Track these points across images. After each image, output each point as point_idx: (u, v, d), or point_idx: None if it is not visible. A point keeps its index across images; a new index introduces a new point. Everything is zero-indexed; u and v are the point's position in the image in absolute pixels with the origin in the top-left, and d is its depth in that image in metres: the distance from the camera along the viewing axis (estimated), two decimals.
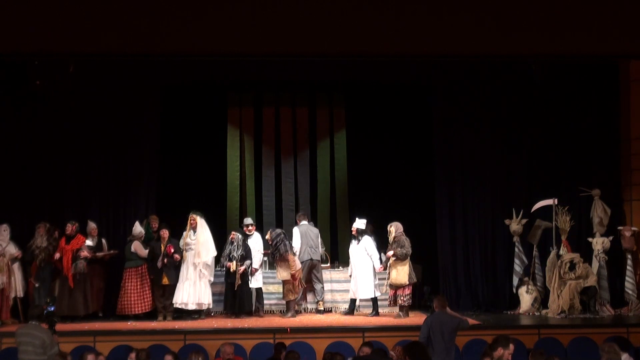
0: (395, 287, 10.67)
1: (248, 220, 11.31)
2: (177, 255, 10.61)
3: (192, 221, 10.80)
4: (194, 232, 10.77)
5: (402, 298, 10.65)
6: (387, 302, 10.90)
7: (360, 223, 11.07)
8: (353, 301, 11.07)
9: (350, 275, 11.07)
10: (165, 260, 10.59)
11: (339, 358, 7.05)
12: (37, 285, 10.46)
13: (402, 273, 10.60)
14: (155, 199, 11.84)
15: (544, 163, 11.93)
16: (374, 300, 10.96)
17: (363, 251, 10.94)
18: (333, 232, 12.60)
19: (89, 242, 10.76)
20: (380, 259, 11.06)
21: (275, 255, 10.80)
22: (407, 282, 10.64)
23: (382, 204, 12.45)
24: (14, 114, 11.51)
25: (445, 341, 7.61)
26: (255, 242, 11.11)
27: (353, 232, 11.08)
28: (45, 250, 10.50)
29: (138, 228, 10.97)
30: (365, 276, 10.87)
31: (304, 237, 11.17)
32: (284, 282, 10.85)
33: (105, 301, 11.08)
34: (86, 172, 11.59)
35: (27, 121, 11.53)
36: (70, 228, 10.60)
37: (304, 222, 11.39)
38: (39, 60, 10.56)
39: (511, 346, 6.92)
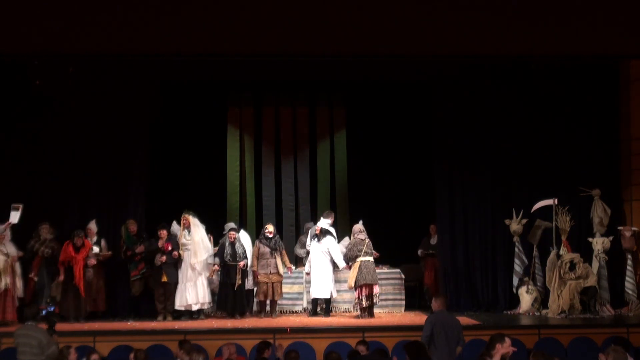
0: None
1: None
2: (175, 252, 10.62)
3: (184, 221, 10.82)
4: (189, 232, 10.77)
5: (355, 301, 10.71)
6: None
7: (324, 223, 11.13)
8: (315, 301, 11.06)
9: (308, 274, 11.10)
10: (164, 257, 10.60)
11: (335, 356, 7.05)
12: (36, 279, 10.49)
13: (349, 276, 10.67)
14: (155, 198, 11.83)
15: (544, 163, 11.93)
16: (328, 301, 10.99)
17: (324, 251, 10.97)
18: None
19: (95, 249, 10.78)
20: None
21: (277, 247, 10.90)
22: (353, 286, 10.66)
23: (382, 204, 12.46)
24: (13, 114, 11.50)
25: (448, 340, 7.61)
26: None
27: (317, 232, 11.03)
28: (50, 245, 10.53)
29: (176, 227, 11.02)
30: (325, 276, 10.90)
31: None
32: (272, 283, 10.87)
33: (109, 301, 11.10)
34: (86, 171, 11.57)
35: (26, 121, 11.52)
36: (79, 241, 10.53)
37: (326, 220, 11.44)
38: (39, 60, 10.56)
39: (507, 340, 6.88)
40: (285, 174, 12.76)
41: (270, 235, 10.93)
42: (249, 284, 11.02)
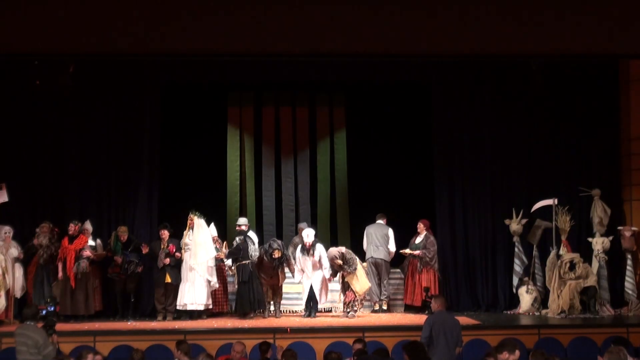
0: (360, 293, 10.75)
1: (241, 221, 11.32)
2: (178, 254, 10.63)
3: (190, 221, 10.82)
4: (192, 232, 10.77)
5: (359, 302, 10.73)
6: (342, 306, 10.95)
7: (311, 234, 10.93)
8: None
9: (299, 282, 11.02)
10: (168, 259, 10.60)
11: (335, 356, 7.04)
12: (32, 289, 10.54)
13: (362, 280, 10.70)
14: (155, 198, 11.83)
15: (544, 163, 11.93)
16: (316, 303, 10.95)
17: (316, 260, 10.88)
18: (333, 232, 12.59)
19: (91, 242, 10.77)
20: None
21: (283, 261, 10.84)
22: (369, 284, 10.77)
23: (382, 204, 12.44)
24: (14, 114, 11.50)
25: (448, 341, 7.61)
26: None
27: (307, 245, 10.83)
28: (48, 250, 10.51)
29: (213, 229, 11.11)
30: (321, 283, 10.86)
31: (369, 237, 11.47)
32: (275, 287, 10.89)
33: (106, 301, 11.09)
34: (86, 171, 11.59)
35: (27, 121, 11.52)
36: (73, 228, 10.61)
37: (379, 222, 11.59)
38: (39, 60, 10.56)
39: (517, 352, 6.70)
40: (285, 174, 12.75)
41: (275, 258, 10.75)
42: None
